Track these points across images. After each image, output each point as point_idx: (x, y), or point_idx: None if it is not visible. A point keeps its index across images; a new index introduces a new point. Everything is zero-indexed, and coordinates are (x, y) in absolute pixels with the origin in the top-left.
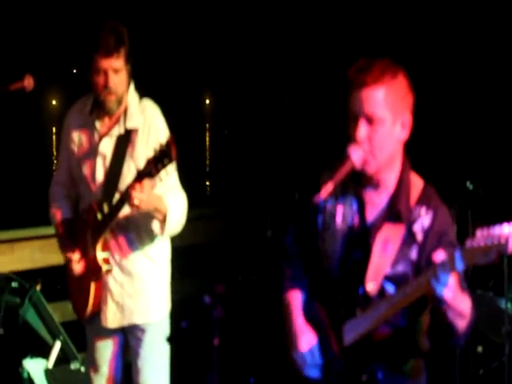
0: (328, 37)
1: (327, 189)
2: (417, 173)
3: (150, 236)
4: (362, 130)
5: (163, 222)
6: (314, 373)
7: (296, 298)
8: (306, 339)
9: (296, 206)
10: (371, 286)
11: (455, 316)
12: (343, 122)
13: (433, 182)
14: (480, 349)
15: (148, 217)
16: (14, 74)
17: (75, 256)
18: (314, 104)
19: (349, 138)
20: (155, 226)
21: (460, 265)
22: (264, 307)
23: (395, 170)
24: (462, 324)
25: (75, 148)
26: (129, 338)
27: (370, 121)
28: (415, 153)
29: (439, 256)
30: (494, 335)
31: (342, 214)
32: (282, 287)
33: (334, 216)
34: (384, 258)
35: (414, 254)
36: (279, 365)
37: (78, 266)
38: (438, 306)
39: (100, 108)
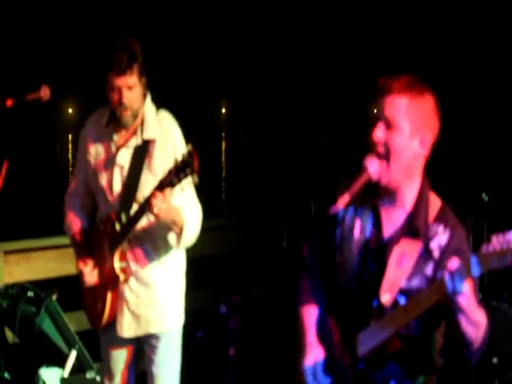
0: (344, 48)
1: (344, 200)
2: (435, 192)
3: (166, 247)
4: (380, 131)
5: (179, 234)
6: None
7: (310, 313)
8: (312, 357)
9: (313, 217)
10: (386, 298)
11: (468, 325)
12: (360, 133)
13: (448, 193)
14: (495, 360)
15: (164, 227)
16: (30, 84)
17: (89, 265)
18: (330, 114)
19: (366, 148)
20: (171, 238)
21: (476, 270)
22: (279, 318)
23: (414, 188)
24: (475, 334)
25: (92, 159)
26: (144, 347)
27: (388, 126)
28: (431, 165)
29: (454, 263)
30: (510, 346)
31: (360, 227)
32: (297, 299)
33: (352, 229)
34: (399, 271)
35: (429, 270)
36: (292, 375)
37: (92, 276)
38: (452, 313)
39: (116, 121)
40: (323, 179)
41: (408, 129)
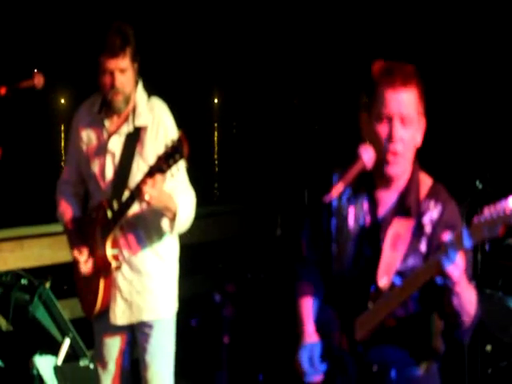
0: (337, 38)
1: (338, 189)
2: (426, 173)
3: (159, 233)
4: (400, 129)
5: (173, 219)
6: (312, 379)
7: (308, 303)
8: (309, 345)
9: (308, 208)
10: (383, 282)
11: (461, 303)
12: (353, 121)
13: (442, 181)
14: (489, 348)
15: (157, 214)
16: (23, 71)
17: (84, 254)
18: (323, 103)
19: (359, 137)
20: (164, 223)
21: (468, 242)
22: (273, 305)
23: (406, 172)
24: (467, 313)
25: (84, 146)
26: (137, 335)
27: (403, 122)
28: (424, 152)
29: (447, 236)
30: (503, 334)
31: (354, 215)
32: (296, 290)
33: (346, 218)
34: (395, 253)
35: (423, 246)
36: (288, 363)
37: (87, 264)
38: (445, 289)
39: (108, 107)
40: (316, 167)
41: (416, 119)
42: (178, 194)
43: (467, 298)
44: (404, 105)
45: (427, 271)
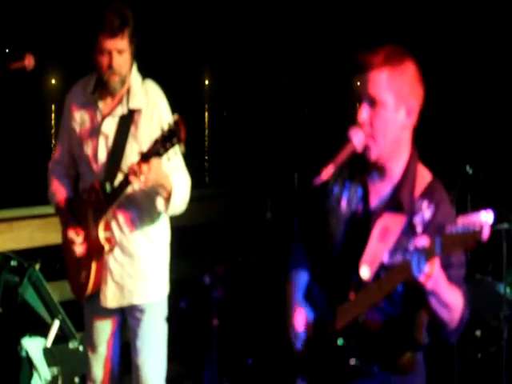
0: (328, 19)
1: (328, 171)
2: (426, 167)
3: (151, 216)
4: (364, 112)
5: (168, 199)
6: (302, 344)
7: (299, 277)
8: (302, 317)
9: (301, 190)
10: (365, 272)
11: (439, 306)
12: (343, 104)
13: (432, 166)
14: (478, 333)
15: (150, 197)
16: (14, 52)
17: (78, 236)
18: (313, 85)
19: (350, 120)
20: (159, 202)
21: (439, 250)
22: (263, 288)
23: (402, 160)
24: (448, 316)
25: (77, 127)
26: (128, 319)
27: (372, 104)
28: (415, 137)
29: (421, 241)
30: (493, 319)
31: (347, 200)
32: (288, 265)
33: (339, 201)
34: (381, 245)
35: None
36: (277, 346)
37: (80, 247)
38: (421, 292)
39: (103, 88)
40: (307, 150)
41: (392, 101)
42: (173, 175)
43: (448, 301)
44: (371, 86)
45: (400, 274)
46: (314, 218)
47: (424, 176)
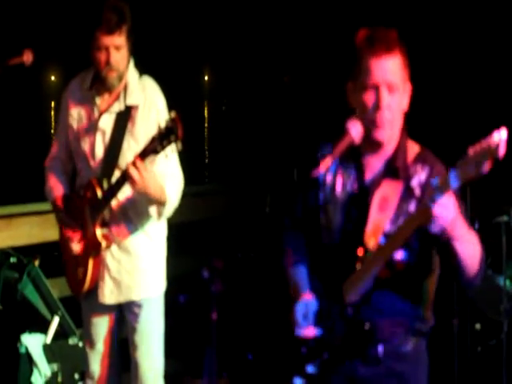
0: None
1: (326, 163)
2: (414, 140)
3: (148, 213)
4: (387, 97)
5: (160, 212)
6: (305, 332)
7: (300, 271)
8: (304, 302)
9: (296, 182)
10: (372, 243)
11: (463, 246)
12: (341, 97)
13: (430, 146)
14: (478, 326)
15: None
16: (13, 48)
17: (75, 233)
18: (313, 81)
19: (347, 111)
20: (152, 212)
21: (455, 182)
22: (262, 283)
23: (394, 138)
24: (471, 259)
25: (74, 123)
26: (125, 314)
27: (390, 89)
28: (412, 118)
29: (434, 180)
30: (493, 313)
31: (342, 184)
32: (284, 261)
33: (333, 187)
34: (383, 214)
35: (412, 208)
36: (276, 340)
37: (77, 244)
38: (443, 234)
39: (100, 84)
40: (306, 144)
41: (401, 85)
42: (167, 179)
43: (468, 237)
44: (389, 72)
45: (415, 219)
46: (309, 210)
47: (413, 147)
